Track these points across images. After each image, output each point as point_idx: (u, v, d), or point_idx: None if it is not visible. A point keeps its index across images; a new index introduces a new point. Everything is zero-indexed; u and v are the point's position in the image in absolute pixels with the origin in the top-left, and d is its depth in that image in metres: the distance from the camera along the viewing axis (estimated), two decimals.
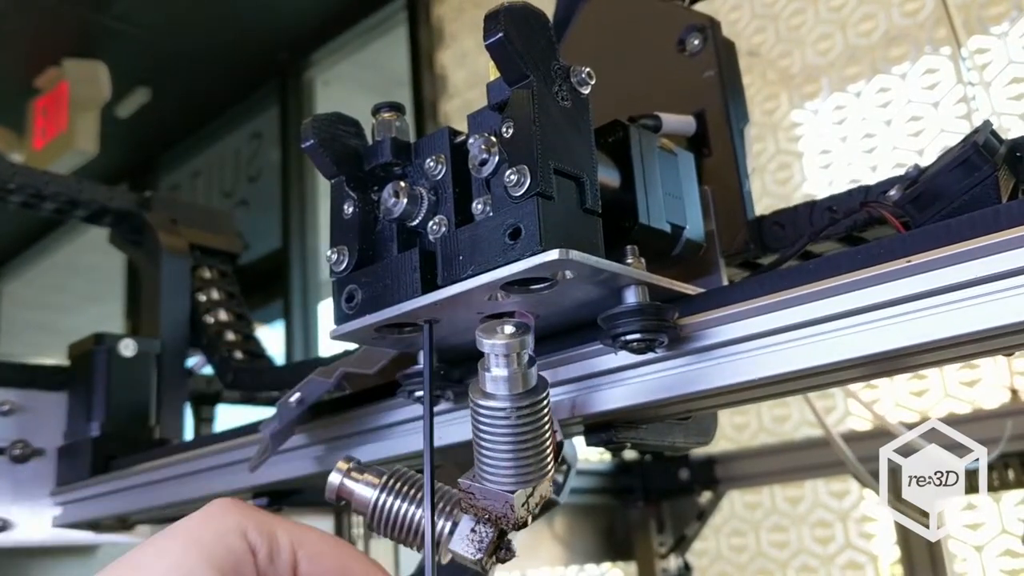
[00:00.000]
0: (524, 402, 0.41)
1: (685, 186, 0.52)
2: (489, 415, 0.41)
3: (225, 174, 3.76)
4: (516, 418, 0.41)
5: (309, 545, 0.41)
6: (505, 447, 0.41)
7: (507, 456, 0.41)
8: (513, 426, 0.41)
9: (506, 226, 0.42)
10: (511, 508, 0.42)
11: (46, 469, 1.00)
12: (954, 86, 1.68)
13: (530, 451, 0.42)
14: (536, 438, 0.42)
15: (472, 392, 0.42)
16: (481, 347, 0.41)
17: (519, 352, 0.40)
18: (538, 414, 0.42)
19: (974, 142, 0.43)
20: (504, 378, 0.41)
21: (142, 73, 3.40)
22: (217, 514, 0.40)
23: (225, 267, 1.18)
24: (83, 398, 0.99)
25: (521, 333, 0.40)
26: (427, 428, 0.43)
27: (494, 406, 0.41)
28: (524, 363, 0.41)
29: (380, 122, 0.50)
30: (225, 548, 0.38)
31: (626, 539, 1.51)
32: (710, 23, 0.60)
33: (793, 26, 1.96)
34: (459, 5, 2.80)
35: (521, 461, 0.42)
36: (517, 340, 0.40)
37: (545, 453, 0.43)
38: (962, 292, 0.37)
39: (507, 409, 0.41)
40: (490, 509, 0.42)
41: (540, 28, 0.44)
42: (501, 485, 0.42)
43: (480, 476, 0.42)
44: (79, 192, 1.11)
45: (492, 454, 0.42)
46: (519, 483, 0.42)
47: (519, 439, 0.41)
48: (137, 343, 1.01)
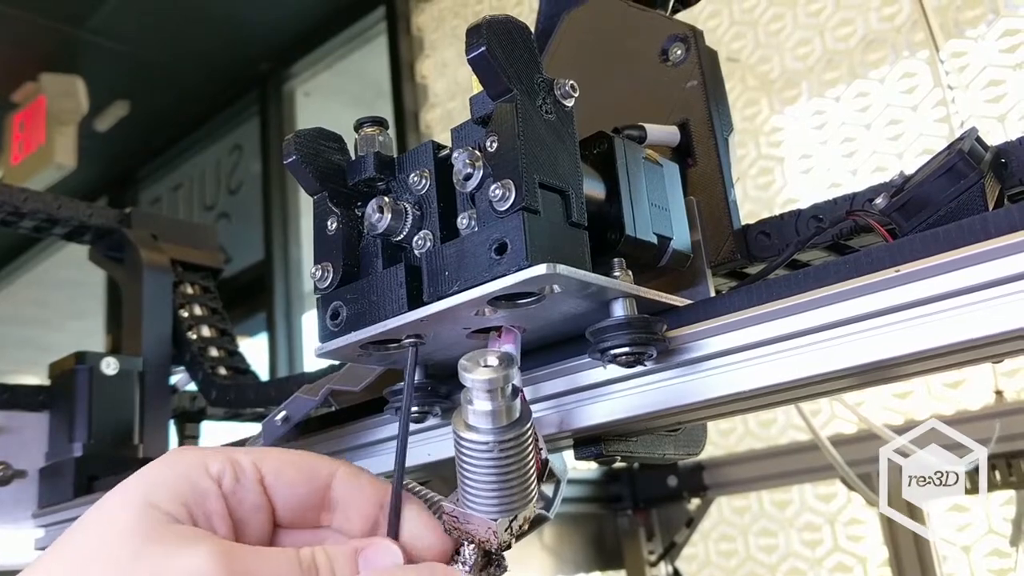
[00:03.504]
0: (508, 435, 0.40)
1: (671, 197, 0.52)
2: (472, 448, 0.40)
3: (206, 187, 3.75)
4: (499, 451, 0.40)
5: (271, 459, 0.42)
6: (488, 478, 0.41)
7: (490, 487, 0.41)
8: (496, 458, 0.40)
9: (492, 241, 0.42)
10: (494, 534, 0.41)
11: (28, 490, 0.98)
12: (932, 89, 1.70)
13: (514, 481, 0.41)
14: (520, 467, 0.41)
15: (455, 424, 0.41)
16: (464, 381, 0.40)
17: (502, 387, 0.40)
18: (521, 445, 0.41)
19: (960, 149, 0.43)
20: (487, 412, 0.40)
21: (120, 86, 3.38)
22: (174, 456, 0.40)
23: (207, 282, 1.17)
24: (65, 418, 0.98)
25: (504, 367, 0.39)
26: (400, 459, 0.42)
27: (477, 440, 0.40)
28: (508, 396, 0.40)
29: (363, 137, 0.49)
30: (188, 484, 0.39)
31: (616, 547, 1.51)
32: (692, 32, 0.59)
33: (772, 32, 1.97)
34: (439, 15, 2.80)
35: (504, 491, 0.41)
36: (500, 375, 0.39)
37: (529, 481, 0.42)
38: (952, 301, 0.37)
39: (490, 443, 0.40)
40: (473, 533, 0.42)
41: (522, 41, 0.43)
42: (484, 512, 0.41)
43: (463, 502, 0.42)
44: (57, 209, 1.10)
45: (475, 484, 0.41)
46: (502, 512, 0.41)
47: (502, 470, 0.41)
48: (119, 361, 1.00)
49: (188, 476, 0.39)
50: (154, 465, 0.40)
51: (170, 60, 3.25)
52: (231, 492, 0.40)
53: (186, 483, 0.39)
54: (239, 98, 3.50)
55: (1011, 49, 1.61)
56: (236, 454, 0.41)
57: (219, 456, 0.40)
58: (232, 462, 0.40)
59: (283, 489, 0.41)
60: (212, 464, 0.40)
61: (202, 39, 3.18)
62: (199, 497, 0.38)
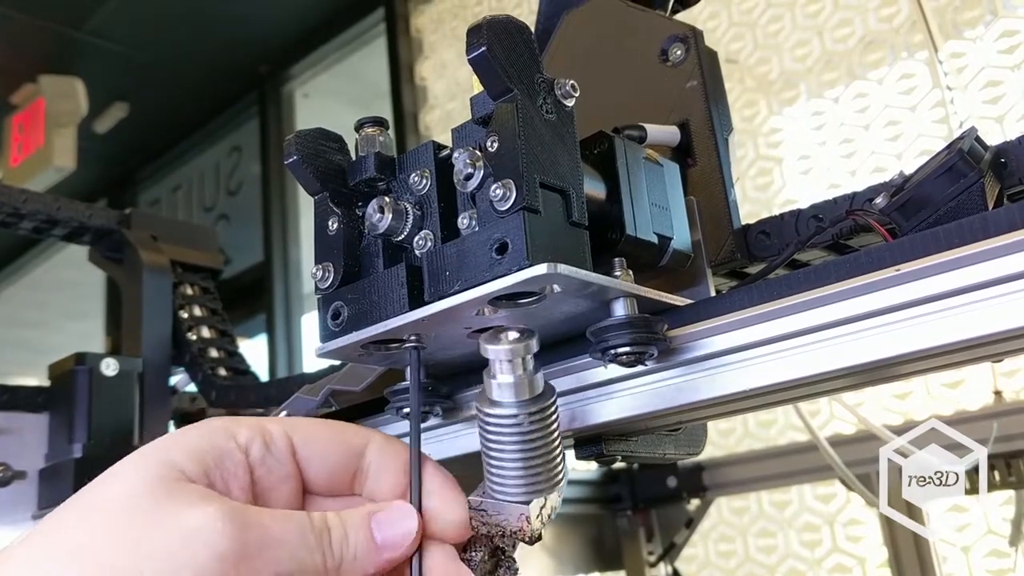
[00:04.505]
0: (532, 408, 0.41)
1: (671, 196, 0.52)
2: (497, 423, 0.41)
3: (205, 188, 3.75)
4: (527, 424, 0.40)
5: (302, 429, 0.42)
6: (515, 456, 0.41)
7: (518, 465, 0.41)
8: (523, 433, 0.41)
9: (492, 241, 0.42)
10: (527, 520, 0.41)
11: (28, 492, 0.98)
12: (931, 90, 1.70)
13: (540, 459, 0.41)
14: (546, 445, 0.41)
15: (479, 402, 0.42)
16: (485, 354, 0.40)
17: (524, 357, 0.40)
18: (546, 420, 0.41)
19: (959, 149, 0.43)
20: (510, 384, 0.40)
21: (119, 88, 3.38)
22: (205, 423, 0.41)
23: (207, 283, 1.17)
24: (65, 419, 0.97)
25: (526, 338, 0.40)
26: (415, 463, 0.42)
27: (502, 413, 0.41)
28: (530, 368, 0.41)
29: (363, 137, 0.49)
30: (209, 443, 0.39)
31: (615, 548, 1.51)
32: (692, 33, 0.60)
33: (771, 33, 1.97)
34: (438, 17, 2.80)
35: (532, 470, 0.41)
36: (522, 345, 0.40)
37: (556, 460, 0.42)
38: (952, 300, 0.37)
39: (516, 416, 0.40)
40: (504, 525, 0.42)
41: (523, 41, 0.43)
42: (514, 497, 0.41)
43: (491, 491, 0.42)
44: (57, 210, 1.10)
45: (502, 464, 0.41)
46: (532, 493, 0.41)
47: (529, 446, 0.41)
48: (119, 362, 0.99)
49: (211, 439, 0.39)
50: (184, 429, 0.40)
51: (169, 62, 3.25)
52: (260, 461, 0.40)
53: (208, 445, 0.39)
54: (238, 99, 3.50)
55: (1009, 50, 1.61)
56: (267, 423, 0.41)
57: (250, 425, 0.41)
58: (263, 431, 0.41)
59: (314, 458, 0.42)
60: (241, 432, 0.40)
61: (201, 41, 3.18)
62: (218, 459, 0.39)
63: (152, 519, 0.36)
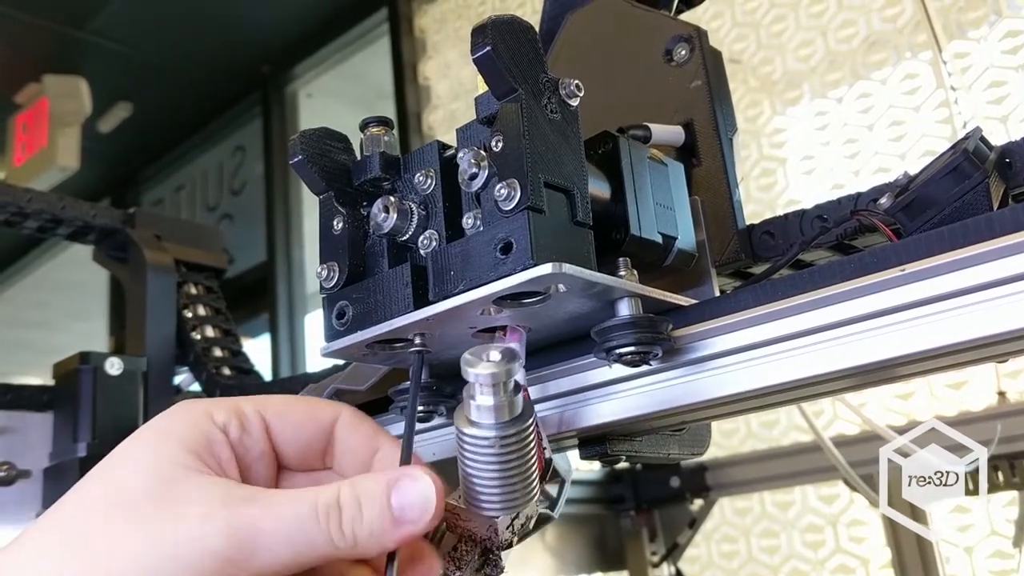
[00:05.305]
0: (510, 430, 0.40)
1: (676, 196, 0.52)
2: (474, 443, 0.40)
3: (208, 188, 3.75)
4: (501, 447, 0.40)
5: (273, 406, 0.42)
6: (490, 474, 0.41)
7: (492, 483, 0.41)
8: (498, 454, 0.40)
9: (497, 240, 0.42)
10: (495, 532, 0.41)
11: (32, 491, 0.98)
12: (935, 91, 1.69)
13: (515, 478, 0.41)
14: (522, 464, 0.41)
15: (457, 420, 0.41)
16: (466, 376, 0.39)
17: (505, 381, 0.39)
18: (524, 441, 0.41)
19: (964, 149, 0.43)
20: (489, 407, 0.40)
21: (123, 88, 3.38)
22: (180, 410, 0.41)
23: (211, 282, 1.17)
24: (69, 418, 0.97)
25: (507, 361, 0.39)
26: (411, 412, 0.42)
27: (479, 435, 0.40)
28: (510, 391, 0.40)
29: (368, 137, 0.49)
30: (197, 432, 0.39)
31: (618, 548, 1.51)
32: (697, 33, 0.59)
33: (774, 33, 1.97)
34: (441, 16, 2.80)
35: (506, 488, 0.41)
36: (503, 369, 0.39)
37: (531, 478, 0.42)
38: (957, 300, 0.37)
39: (492, 438, 0.40)
40: (475, 531, 0.42)
41: (528, 41, 0.43)
42: (486, 510, 0.41)
43: (465, 499, 0.42)
44: (61, 209, 1.10)
45: (476, 480, 0.41)
46: (504, 509, 0.41)
47: (504, 467, 0.40)
48: (123, 361, 1.00)
49: (197, 425, 0.39)
50: (162, 418, 0.40)
51: (172, 62, 3.25)
52: (237, 441, 0.40)
53: (196, 431, 0.39)
54: (241, 99, 3.50)
55: (1014, 50, 1.61)
56: (240, 403, 0.41)
57: (224, 406, 0.41)
58: (237, 412, 0.41)
59: (287, 434, 0.42)
60: (218, 414, 0.40)
61: (204, 40, 3.18)
62: (209, 445, 0.39)
63: (151, 518, 0.36)
